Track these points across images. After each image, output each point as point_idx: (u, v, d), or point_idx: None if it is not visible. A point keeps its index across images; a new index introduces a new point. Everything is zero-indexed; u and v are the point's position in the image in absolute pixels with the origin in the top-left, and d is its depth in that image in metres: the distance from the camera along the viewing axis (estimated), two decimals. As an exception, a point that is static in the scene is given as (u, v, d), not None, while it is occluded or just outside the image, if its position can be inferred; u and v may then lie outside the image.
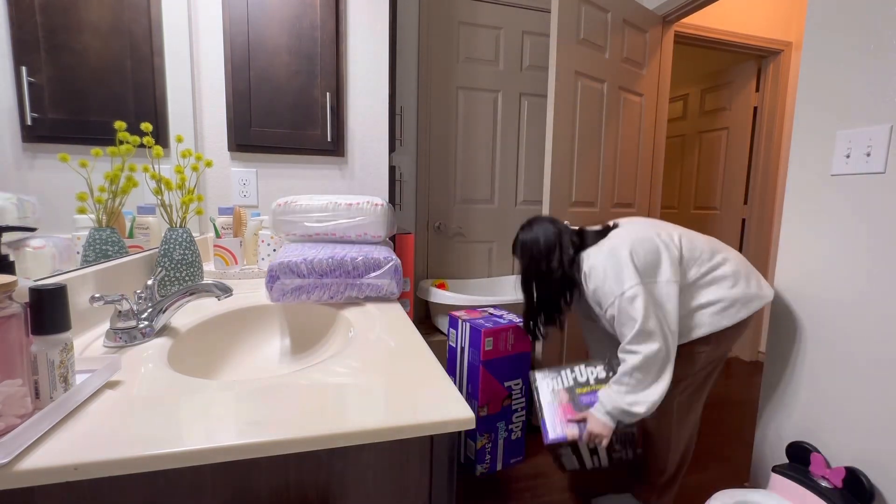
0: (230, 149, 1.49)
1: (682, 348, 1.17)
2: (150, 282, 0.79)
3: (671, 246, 1.18)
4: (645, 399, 1.09)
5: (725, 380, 2.52)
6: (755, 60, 2.72)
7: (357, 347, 0.72)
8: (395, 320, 0.87)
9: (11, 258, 0.56)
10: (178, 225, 1.02)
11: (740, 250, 2.87)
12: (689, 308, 1.19)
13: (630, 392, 1.10)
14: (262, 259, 1.28)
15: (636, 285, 1.08)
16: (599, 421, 1.14)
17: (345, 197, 1.18)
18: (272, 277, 0.93)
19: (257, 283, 1.17)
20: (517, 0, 2.28)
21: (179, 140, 1.14)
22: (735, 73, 2.83)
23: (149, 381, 0.58)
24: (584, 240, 1.22)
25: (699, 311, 1.19)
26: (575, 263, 1.20)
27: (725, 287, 1.20)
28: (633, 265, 1.10)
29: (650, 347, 1.07)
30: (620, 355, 1.12)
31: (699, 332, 1.18)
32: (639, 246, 1.14)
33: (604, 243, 1.18)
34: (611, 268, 1.11)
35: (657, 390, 1.09)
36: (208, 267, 1.25)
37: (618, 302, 1.09)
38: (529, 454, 1.73)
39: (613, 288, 1.10)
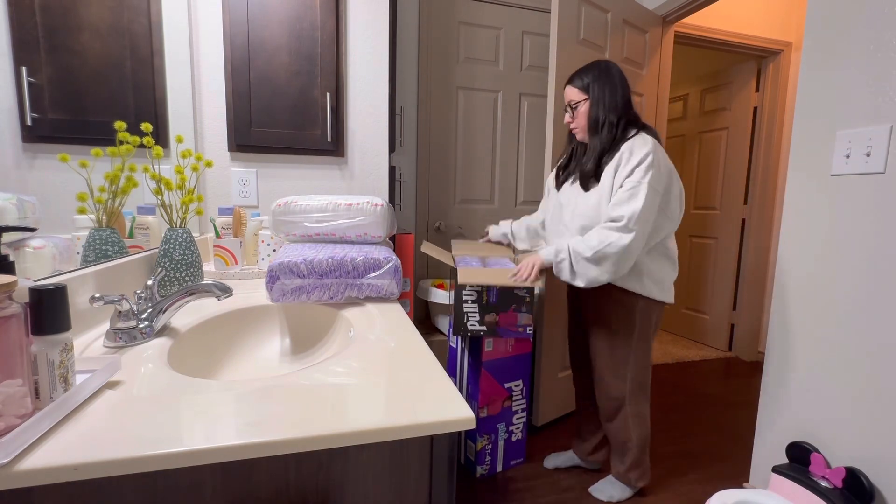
0: (230, 149, 1.49)
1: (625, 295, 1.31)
2: (150, 282, 0.79)
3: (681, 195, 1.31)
4: (588, 274, 1.21)
5: (725, 380, 2.53)
6: (755, 60, 2.72)
7: (357, 348, 0.72)
8: (395, 320, 0.87)
9: (11, 258, 0.56)
10: (178, 225, 1.02)
11: (740, 250, 2.87)
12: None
13: (586, 259, 1.20)
14: (262, 259, 1.28)
15: (658, 184, 1.19)
16: (539, 255, 1.27)
17: (345, 197, 1.18)
18: (272, 278, 0.93)
19: (257, 284, 1.17)
20: (517, 0, 2.28)
21: (179, 140, 1.14)
22: (735, 73, 2.83)
23: (149, 382, 0.58)
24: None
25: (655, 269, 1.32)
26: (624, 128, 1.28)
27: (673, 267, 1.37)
28: (668, 173, 1.24)
29: (630, 236, 1.16)
30: (602, 226, 1.20)
31: (646, 290, 1.30)
32: (674, 173, 1.27)
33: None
34: (657, 155, 1.20)
35: (605, 275, 1.20)
36: (208, 267, 1.25)
37: (637, 176, 1.17)
38: (530, 456, 1.73)
39: (644, 168, 1.18)
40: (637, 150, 1.20)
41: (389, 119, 1.65)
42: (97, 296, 0.67)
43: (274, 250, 1.28)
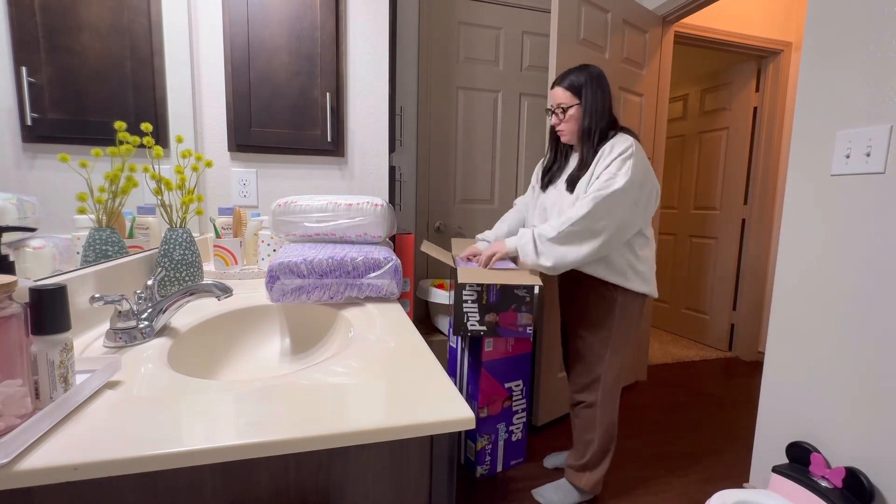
0: (230, 149, 1.49)
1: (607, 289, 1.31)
2: (150, 282, 0.79)
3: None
4: (554, 253, 1.19)
5: (726, 380, 2.53)
6: (755, 61, 2.72)
7: (357, 348, 0.72)
8: (395, 320, 0.87)
9: (11, 258, 0.56)
10: (178, 225, 1.02)
11: (740, 250, 2.87)
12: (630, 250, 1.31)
13: (550, 239, 1.19)
14: (262, 259, 1.28)
15: (635, 176, 1.19)
16: (504, 243, 1.27)
17: (345, 197, 1.18)
18: (272, 278, 0.93)
19: (257, 284, 1.17)
20: (517, 0, 2.28)
21: (179, 140, 1.14)
22: (735, 73, 2.83)
23: (149, 382, 0.58)
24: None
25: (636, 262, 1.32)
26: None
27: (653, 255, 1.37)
28: (645, 168, 1.24)
29: (602, 212, 1.17)
30: (576, 205, 1.20)
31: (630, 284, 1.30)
32: (651, 170, 1.28)
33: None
34: (636, 149, 1.22)
35: (571, 254, 1.19)
36: (208, 267, 1.25)
37: (618, 162, 1.18)
38: (530, 456, 1.73)
39: (621, 160, 1.19)
40: (617, 145, 1.22)
41: (389, 119, 1.65)
42: (97, 296, 0.67)
43: (274, 250, 1.28)
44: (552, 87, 1.35)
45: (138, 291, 0.77)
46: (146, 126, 0.98)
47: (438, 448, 0.53)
